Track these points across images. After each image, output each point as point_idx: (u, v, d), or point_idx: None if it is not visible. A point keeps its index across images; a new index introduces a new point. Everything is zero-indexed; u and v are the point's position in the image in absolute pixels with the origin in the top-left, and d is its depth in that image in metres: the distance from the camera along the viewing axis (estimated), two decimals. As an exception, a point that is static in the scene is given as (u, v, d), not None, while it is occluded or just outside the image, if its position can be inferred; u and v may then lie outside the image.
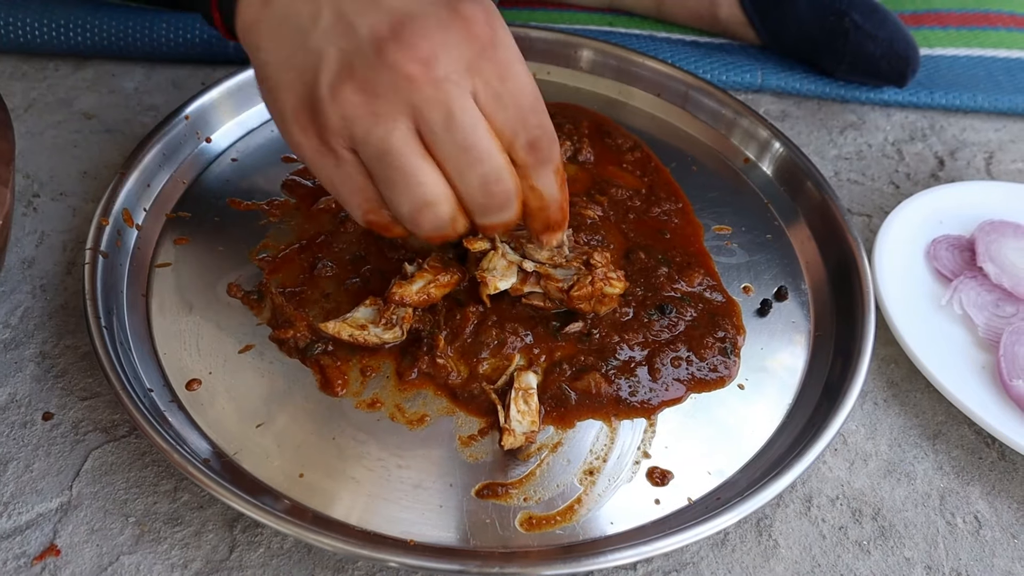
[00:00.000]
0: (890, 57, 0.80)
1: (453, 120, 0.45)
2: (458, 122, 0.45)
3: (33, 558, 0.48)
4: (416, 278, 0.56)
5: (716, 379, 0.58)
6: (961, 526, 0.54)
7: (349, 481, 0.50)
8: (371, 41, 0.45)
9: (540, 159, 0.49)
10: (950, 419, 0.59)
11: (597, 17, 0.91)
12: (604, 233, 0.64)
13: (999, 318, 0.64)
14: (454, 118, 0.45)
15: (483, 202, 0.48)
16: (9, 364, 0.56)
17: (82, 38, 0.79)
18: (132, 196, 0.63)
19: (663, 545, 0.47)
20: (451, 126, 0.45)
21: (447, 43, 0.45)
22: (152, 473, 0.51)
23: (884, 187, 0.77)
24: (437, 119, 0.45)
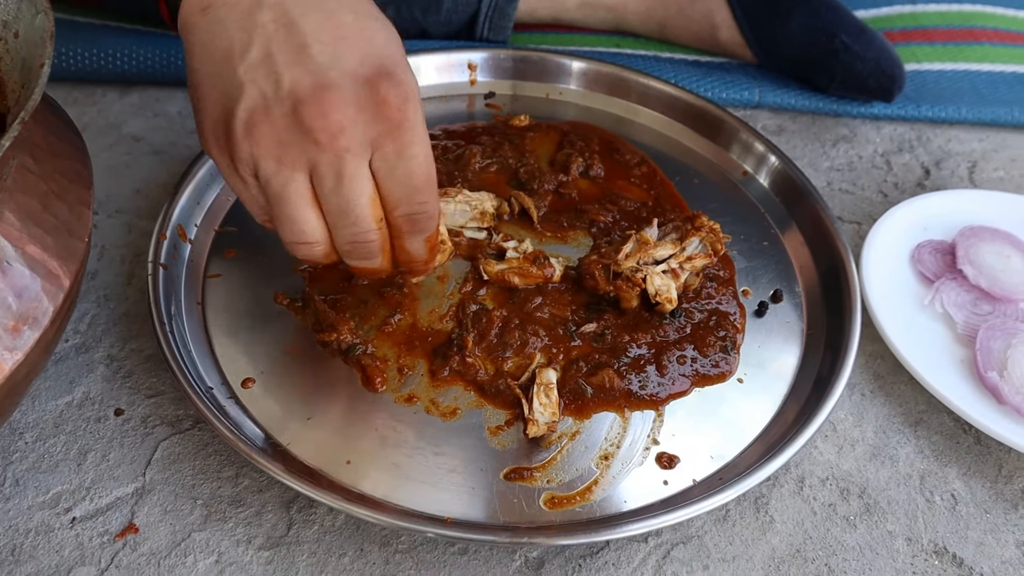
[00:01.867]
0: (877, 75, 0.86)
1: (341, 186, 0.50)
2: (344, 189, 0.50)
3: (115, 535, 0.54)
4: (504, 262, 0.66)
5: (718, 374, 0.64)
6: (939, 503, 0.60)
7: (391, 466, 0.56)
8: (291, 96, 0.49)
9: (415, 230, 0.54)
10: (930, 408, 0.65)
11: (605, 39, 0.96)
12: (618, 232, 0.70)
13: (976, 316, 0.70)
14: (342, 184, 0.50)
15: (349, 251, 0.54)
16: (82, 366, 0.62)
17: (128, 66, 0.86)
18: (185, 213, 0.69)
19: (671, 518, 0.53)
20: (339, 190, 0.50)
21: (357, 120, 0.49)
22: (215, 461, 0.58)
23: (873, 196, 0.83)
24: (329, 181, 0.50)
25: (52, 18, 0.48)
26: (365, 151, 0.50)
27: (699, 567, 0.55)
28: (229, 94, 0.50)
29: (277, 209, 0.52)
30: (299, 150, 0.49)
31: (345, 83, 0.49)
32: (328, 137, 0.49)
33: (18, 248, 0.46)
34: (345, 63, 0.50)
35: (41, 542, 0.53)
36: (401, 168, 0.51)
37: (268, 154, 0.50)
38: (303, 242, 0.53)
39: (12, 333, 0.45)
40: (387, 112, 0.50)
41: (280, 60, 0.49)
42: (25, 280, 0.46)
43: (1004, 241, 0.75)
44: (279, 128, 0.49)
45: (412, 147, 0.51)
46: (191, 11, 0.51)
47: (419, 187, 0.52)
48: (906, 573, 0.56)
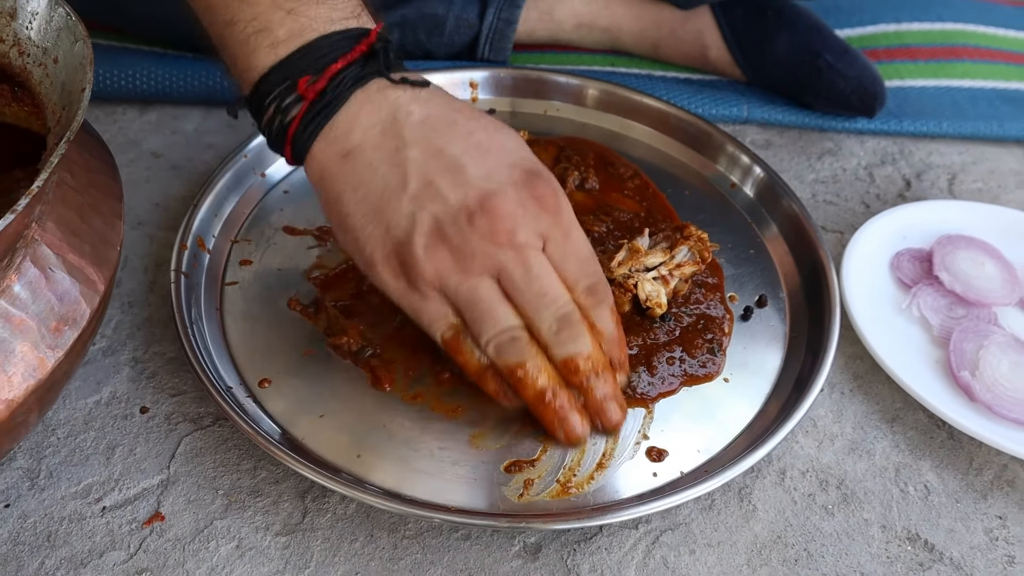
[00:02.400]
0: (860, 92, 0.90)
1: (531, 274, 0.55)
2: (535, 275, 0.55)
3: (143, 522, 0.58)
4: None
5: (705, 374, 0.68)
6: (912, 493, 0.64)
7: (398, 460, 0.60)
8: (462, 211, 0.54)
9: (598, 300, 0.58)
10: (906, 406, 0.69)
11: (600, 58, 1.01)
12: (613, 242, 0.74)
13: (951, 319, 0.74)
14: (531, 272, 0.55)
15: (560, 335, 0.57)
16: (108, 368, 0.67)
17: (146, 85, 0.90)
18: (204, 224, 0.73)
19: (659, 504, 0.57)
20: (529, 279, 0.55)
21: (525, 216, 0.55)
22: (235, 455, 0.62)
23: (856, 207, 0.87)
24: (519, 275, 0.55)
25: (91, 46, 0.52)
26: (539, 242, 0.56)
27: (686, 551, 0.59)
28: (399, 225, 0.55)
29: (473, 313, 0.56)
30: (483, 256, 0.54)
31: (505, 190, 0.55)
32: (507, 237, 0.54)
33: (59, 256, 0.51)
34: (498, 174, 0.55)
35: (74, 529, 0.57)
36: (571, 249, 0.57)
37: (453, 268, 0.55)
38: (506, 331, 0.57)
39: (55, 333, 0.49)
40: (546, 206, 0.56)
41: (442, 185, 0.55)
42: (66, 285, 0.51)
43: (979, 249, 0.79)
44: (458, 243, 0.54)
45: (574, 230, 0.57)
46: (331, 159, 0.56)
47: (588, 259, 0.58)
48: (880, 558, 0.60)
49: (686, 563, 0.58)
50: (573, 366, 0.58)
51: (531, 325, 0.57)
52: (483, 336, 0.57)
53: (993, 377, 0.69)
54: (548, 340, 0.57)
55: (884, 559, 0.60)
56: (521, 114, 0.90)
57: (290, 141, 0.57)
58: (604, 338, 0.59)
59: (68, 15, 0.55)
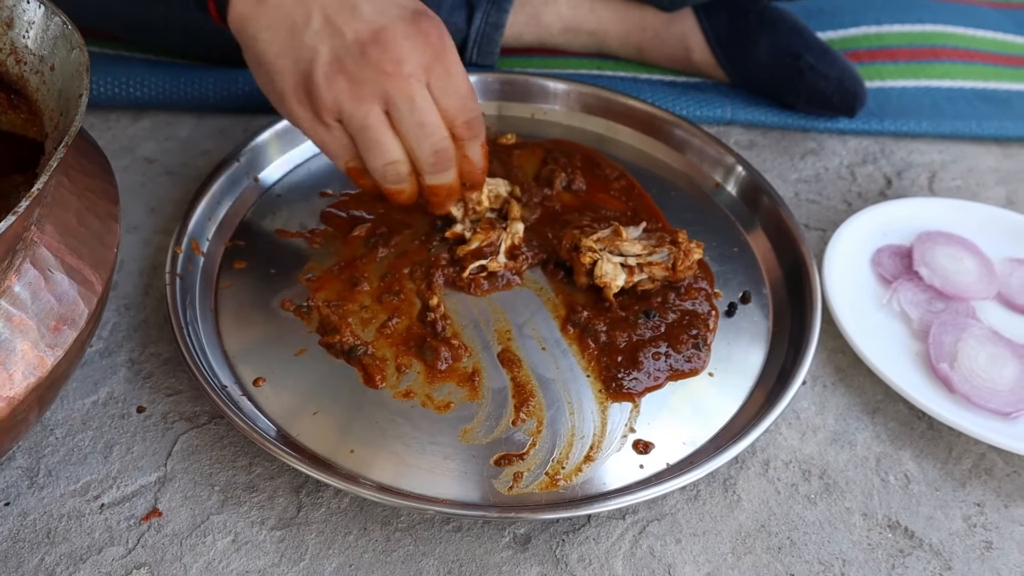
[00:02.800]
0: (840, 93, 0.92)
1: (414, 105, 0.62)
2: (417, 106, 0.62)
3: (141, 518, 0.59)
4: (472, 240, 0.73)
5: (690, 369, 0.69)
6: (893, 482, 0.65)
7: (391, 455, 0.62)
8: (356, 43, 0.61)
9: (473, 134, 0.66)
10: (887, 397, 0.71)
11: (587, 62, 1.02)
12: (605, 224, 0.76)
13: (931, 313, 0.76)
14: (415, 103, 0.62)
15: (432, 163, 0.65)
16: (105, 369, 0.68)
17: (140, 92, 0.91)
18: (198, 228, 0.75)
19: (646, 494, 0.58)
20: (412, 109, 0.62)
21: (412, 49, 0.61)
22: (230, 452, 0.63)
23: (838, 205, 0.89)
24: (403, 104, 0.62)
25: (87, 53, 0.54)
26: (422, 75, 0.62)
27: (672, 541, 0.60)
28: (304, 58, 0.62)
29: (362, 138, 0.63)
30: (373, 84, 0.61)
31: (395, 24, 0.61)
32: (393, 66, 0.61)
33: (58, 258, 0.52)
34: (389, 11, 0.62)
35: (73, 526, 0.59)
36: (451, 84, 0.63)
37: (348, 95, 0.61)
38: (390, 161, 0.64)
39: (54, 332, 0.51)
40: (431, 41, 0.62)
41: (339, 20, 0.61)
42: (64, 286, 0.52)
43: (957, 245, 0.81)
44: (353, 72, 0.61)
45: (455, 65, 0.64)
46: (247, 4, 0.63)
47: (468, 95, 0.65)
48: (861, 544, 0.61)
49: (672, 552, 0.60)
50: (436, 190, 0.68)
51: (410, 152, 0.65)
52: (372, 163, 0.65)
53: (971, 369, 0.70)
54: (423, 168, 0.66)
55: (865, 546, 0.61)
56: (509, 117, 0.91)
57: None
58: (472, 167, 0.69)
59: (64, 24, 0.56)
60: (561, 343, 0.70)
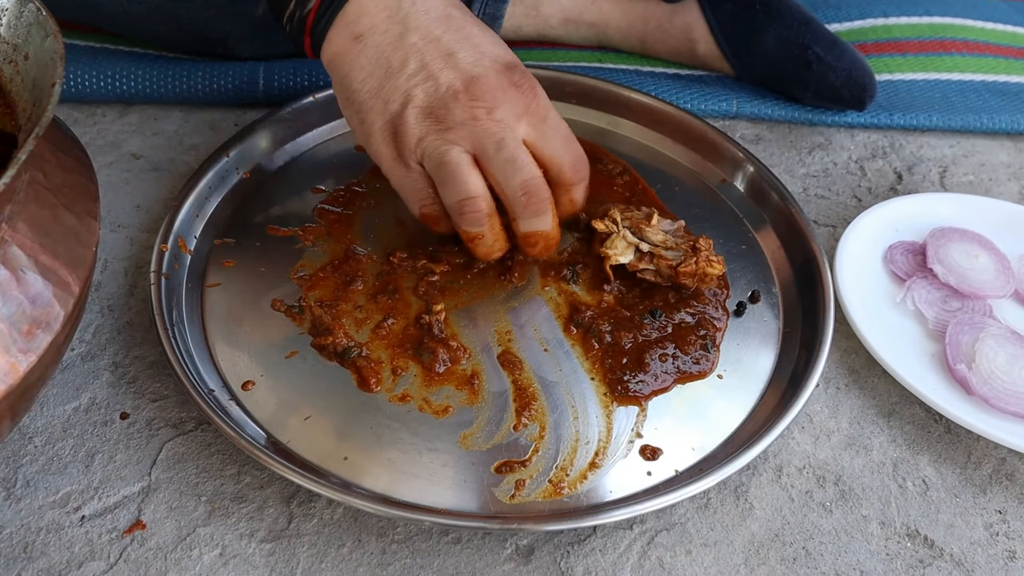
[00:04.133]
0: (849, 85, 0.89)
1: (503, 145, 0.61)
2: (507, 145, 0.61)
3: (123, 531, 0.56)
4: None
5: (698, 371, 0.66)
6: (911, 488, 0.62)
7: (386, 462, 0.59)
8: (449, 90, 0.61)
9: (580, 177, 0.66)
10: (903, 400, 0.68)
11: (588, 54, 1.00)
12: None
13: (946, 312, 0.73)
14: (504, 143, 0.61)
15: (524, 202, 0.63)
16: (87, 373, 0.65)
17: (126, 86, 0.88)
18: (185, 226, 0.72)
19: (654, 504, 0.55)
20: (501, 148, 0.61)
21: (504, 99, 0.61)
22: (218, 460, 0.60)
23: (848, 200, 0.86)
24: (491, 145, 0.61)
25: (61, 41, 0.51)
26: (515, 123, 0.62)
27: (682, 552, 0.57)
28: (396, 100, 0.62)
29: (441, 173, 0.62)
30: (462, 128, 0.61)
31: (489, 74, 0.62)
32: (485, 113, 0.61)
33: (31, 257, 0.49)
34: (484, 61, 0.62)
35: (52, 539, 0.56)
36: (549, 129, 0.63)
37: (435, 135, 0.61)
38: (468, 196, 0.62)
39: (26, 336, 0.48)
40: (523, 91, 0.63)
41: (435, 67, 0.62)
42: (38, 287, 0.49)
43: (972, 241, 0.78)
44: (442, 115, 0.61)
45: (551, 111, 0.64)
46: (343, 42, 0.64)
47: (568, 137, 0.65)
48: (879, 555, 0.58)
49: (682, 564, 0.57)
50: (533, 240, 0.66)
51: (500, 191, 0.63)
52: (448, 199, 0.64)
53: (990, 370, 0.68)
54: (515, 208, 0.64)
55: (884, 556, 0.58)
56: (508, 111, 0.88)
57: (308, 31, 0.65)
58: (575, 208, 0.68)
59: (38, 10, 0.53)
60: (564, 344, 0.67)
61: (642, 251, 0.69)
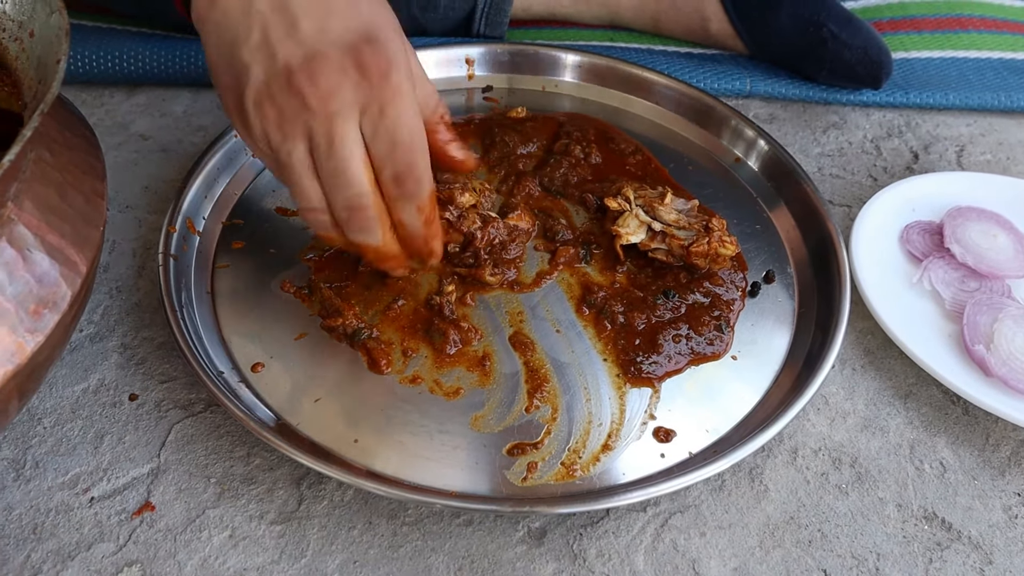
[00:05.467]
0: (865, 63, 0.88)
1: (333, 148, 0.54)
2: (336, 150, 0.54)
3: (132, 513, 0.56)
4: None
5: (712, 352, 0.66)
6: (928, 471, 0.62)
7: (397, 444, 0.58)
8: (285, 69, 0.53)
9: (403, 193, 0.57)
10: (920, 381, 0.67)
11: (600, 33, 0.99)
12: None
13: (964, 292, 0.72)
14: (333, 146, 0.54)
15: (347, 220, 0.57)
16: (96, 354, 0.65)
17: (134, 67, 0.88)
18: (193, 207, 0.71)
19: (668, 486, 0.55)
20: (331, 153, 0.54)
21: (344, 84, 0.53)
22: (227, 442, 0.60)
23: (863, 180, 0.85)
24: (322, 145, 0.54)
25: (66, 17, 0.50)
26: (353, 113, 0.54)
27: (696, 534, 0.57)
28: (239, 76, 0.55)
29: (285, 177, 0.57)
30: (297, 118, 0.54)
31: (331, 51, 0.53)
32: (318, 101, 0.53)
33: (37, 236, 0.49)
34: (331, 33, 0.53)
35: (61, 521, 0.55)
36: (383, 127, 0.54)
37: (274, 127, 0.55)
38: (308, 208, 0.58)
39: (33, 316, 0.47)
40: (369, 75, 0.53)
41: (274, 38, 0.54)
42: (45, 266, 0.48)
43: (990, 220, 0.77)
44: (279, 101, 0.54)
45: (393, 107, 0.54)
46: (201, 6, 0.56)
47: (402, 144, 0.55)
48: (896, 537, 0.58)
49: (696, 546, 0.56)
50: (362, 250, 0.60)
51: (328, 202, 0.58)
52: (296, 203, 0.59)
53: (1008, 350, 0.67)
54: (339, 223, 0.58)
55: (900, 539, 0.58)
56: (519, 90, 0.87)
57: None
58: (408, 234, 0.60)
59: (44, -14, 0.53)
60: (576, 325, 0.66)
61: (654, 230, 0.68)
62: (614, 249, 0.69)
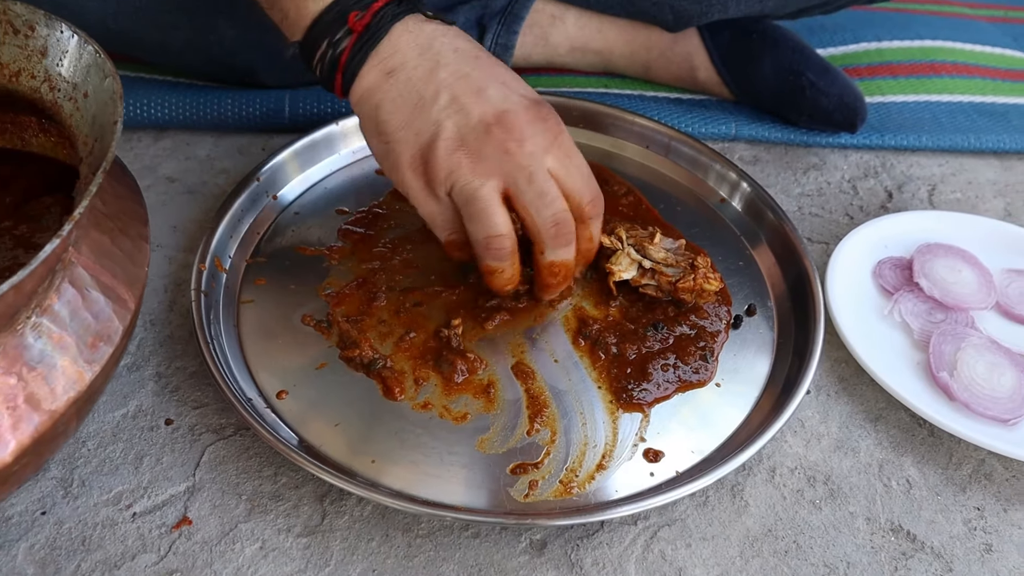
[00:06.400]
0: (841, 109, 0.94)
1: (535, 178, 0.64)
2: (538, 179, 0.65)
3: (171, 526, 0.62)
4: None
5: (698, 380, 0.71)
6: (895, 487, 0.67)
7: (410, 464, 0.64)
8: (481, 122, 0.64)
9: (597, 212, 0.69)
10: (889, 406, 0.73)
11: (594, 80, 1.05)
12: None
13: (931, 323, 0.78)
14: (535, 177, 0.64)
15: (553, 233, 0.67)
16: (134, 383, 0.70)
17: (160, 113, 0.94)
18: (220, 246, 0.77)
19: (656, 500, 0.61)
20: (533, 182, 0.64)
21: (533, 133, 0.64)
22: (256, 463, 0.66)
23: (840, 218, 0.91)
24: (523, 179, 0.64)
25: (119, 81, 0.56)
26: (542, 156, 0.65)
27: (682, 545, 0.63)
28: (426, 131, 0.65)
29: (470, 209, 0.65)
30: (493, 161, 0.64)
31: (518, 109, 0.65)
32: (517, 146, 0.64)
33: (94, 277, 0.55)
34: (512, 97, 0.66)
35: (107, 534, 0.61)
36: (572, 165, 0.67)
37: (466, 168, 0.64)
38: (495, 234, 0.66)
39: (91, 348, 0.53)
40: (549, 126, 0.66)
41: (466, 101, 0.65)
42: (100, 304, 0.55)
43: (956, 256, 0.83)
44: (474, 148, 0.64)
45: (574, 148, 0.68)
46: (376, 77, 0.66)
47: (589, 176, 0.68)
48: (865, 548, 0.63)
49: (683, 556, 0.62)
50: (556, 270, 0.69)
51: (530, 226, 0.66)
52: (476, 235, 0.66)
53: (970, 377, 0.72)
54: (544, 240, 0.67)
55: (869, 549, 0.63)
56: (519, 135, 0.93)
57: (341, 68, 0.67)
58: (591, 245, 0.71)
59: (97, 53, 0.59)
60: (573, 355, 0.72)
61: (644, 267, 0.74)
62: (608, 285, 0.75)
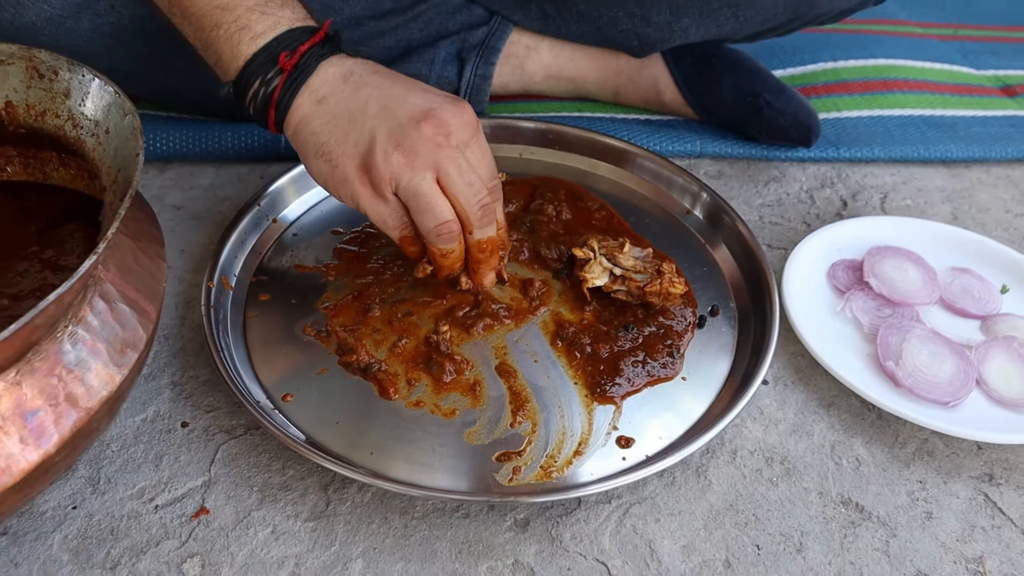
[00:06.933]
0: (796, 126, 1.02)
1: (463, 169, 0.71)
2: (464, 170, 0.72)
3: (191, 516, 0.68)
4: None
5: (665, 375, 0.78)
6: (846, 465, 0.74)
7: (405, 456, 0.71)
8: (411, 120, 0.70)
9: (497, 197, 0.76)
10: (841, 393, 0.80)
11: (569, 104, 1.12)
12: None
13: (879, 318, 0.85)
14: (463, 167, 0.71)
15: (480, 216, 0.74)
16: (151, 391, 0.77)
17: (165, 146, 1.01)
18: (227, 265, 0.84)
19: (628, 478, 0.67)
20: (462, 172, 0.71)
21: (458, 125, 0.72)
22: (265, 458, 0.72)
23: (798, 226, 0.99)
24: (453, 170, 0.71)
25: (138, 118, 0.63)
26: (466, 148, 0.72)
27: (652, 520, 0.69)
28: (363, 140, 0.71)
29: (417, 203, 0.71)
30: (426, 155, 0.70)
31: (442, 105, 0.72)
32: (444, 138, 0.71)
33: (120, 291, 0.62)
34: (433, 97, 0.73)
35: (133, 524, 0.68)
36: (484, 157, 0.74)
37: (404, 166, 0.70)
38: (442, 221, 0.72)
39: (120, 353, 0.60)
40: (469, 120, 0.73)
41: (392, 106, 0.72)
42: (126, 314, 0.61)
43: (903, 257, 0.91)
44: (408, 146, 0.70)
45: (485, 144, 0.75)
46: (310, 105, 0.73)
47: (493, 166, 0.76)
48: (817, 519, 0.70)
49: (652, 529, 0.69)
50: (484, 246, 0.77)
51: (460, 212, 0.73)
52: (425, 225, 0.73)
53: (914, 365, 0.80)
54: (472, 222, 0.74)
55: (821, 519, 0.70)
56: (499, 158, 0.98)
57: (274, 104, 0.74)
58: (501, 224, 0.78)
59: (116, 94, 0.66)
60: (551, 355, 0.79)
61: (615, 274, 0.81)
62: (582, 292, 0.82)
